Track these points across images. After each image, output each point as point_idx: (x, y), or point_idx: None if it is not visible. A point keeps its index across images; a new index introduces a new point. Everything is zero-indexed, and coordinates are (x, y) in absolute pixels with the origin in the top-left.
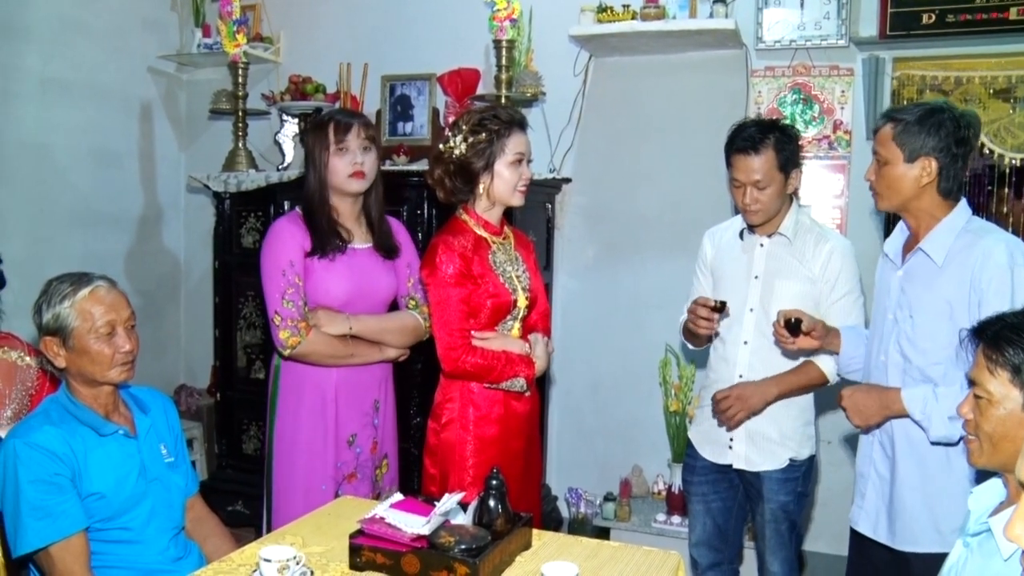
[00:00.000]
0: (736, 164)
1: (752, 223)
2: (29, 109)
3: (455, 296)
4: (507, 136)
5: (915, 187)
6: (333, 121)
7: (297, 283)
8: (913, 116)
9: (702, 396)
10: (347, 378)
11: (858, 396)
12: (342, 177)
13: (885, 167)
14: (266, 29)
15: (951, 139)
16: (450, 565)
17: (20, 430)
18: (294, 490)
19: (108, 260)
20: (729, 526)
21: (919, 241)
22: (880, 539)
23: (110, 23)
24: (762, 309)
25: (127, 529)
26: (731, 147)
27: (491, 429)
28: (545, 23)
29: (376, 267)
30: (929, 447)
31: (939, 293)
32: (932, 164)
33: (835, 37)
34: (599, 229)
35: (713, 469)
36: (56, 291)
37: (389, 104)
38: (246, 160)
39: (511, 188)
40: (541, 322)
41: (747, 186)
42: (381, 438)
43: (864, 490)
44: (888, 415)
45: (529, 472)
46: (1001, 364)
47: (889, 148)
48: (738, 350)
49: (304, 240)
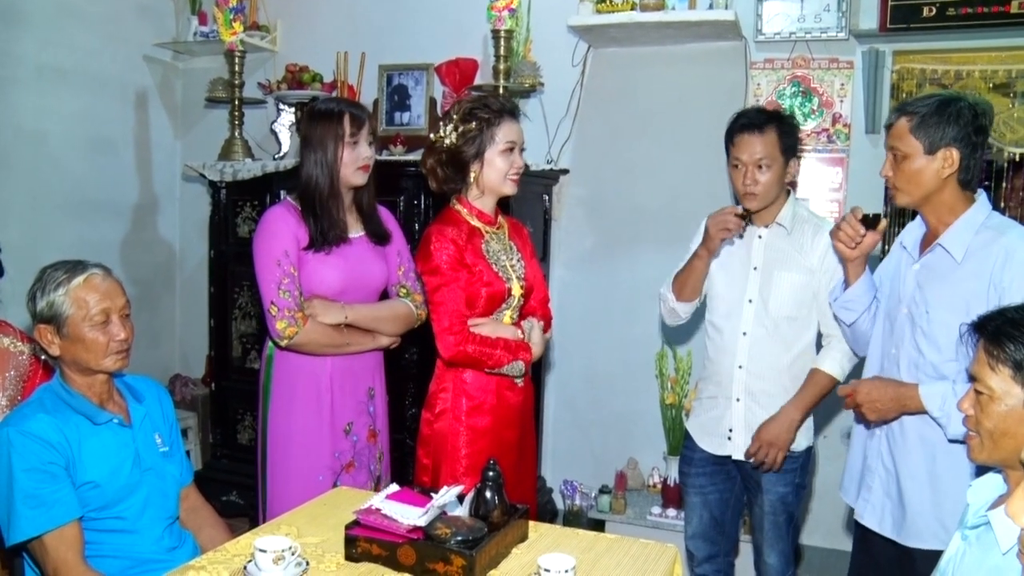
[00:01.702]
0: (739, 143)
1: (749, 207)
2: (25, 96)
3: (451, 283)
4: (497, 125)
5: (937, 180)
6: (348, 113)
7: (292, 273)
8: (929, 107)
9: (700, 388)
10: (342, 366)
11: (874, 391)
12: (351, 169)
13: (904, 162)
14: (263, 18)
15: (970, 127)
16: (446, 557)
17: (14, 418)
18: (290, 480)
19: (103, 248)
20: (726, 518)
21: (937, 236)
22: (886, 533)
23: (106, 10)
24: (761, 300)
25: (121, 518)
26: (734, 126)
27: (484, 419)
28: (544, 13)
29: (369, 255)
30: (938, 443)
31: (957, 290)
32: (954, 154)
33: (835, 30)
34: (596, 221)
35: (711, 461)
36: (51, 279)
37: (386, 94)
38: (242, 149)
39: (502, 176)
40: (540, 308)
41: (748, 167)
42: (380, 427)
43: (871, 483)
44: (904, 411)
45: (523, 463)
46: (1002, 360)
47: (907, 142)
48: (737, 341)
49: (298, 229)
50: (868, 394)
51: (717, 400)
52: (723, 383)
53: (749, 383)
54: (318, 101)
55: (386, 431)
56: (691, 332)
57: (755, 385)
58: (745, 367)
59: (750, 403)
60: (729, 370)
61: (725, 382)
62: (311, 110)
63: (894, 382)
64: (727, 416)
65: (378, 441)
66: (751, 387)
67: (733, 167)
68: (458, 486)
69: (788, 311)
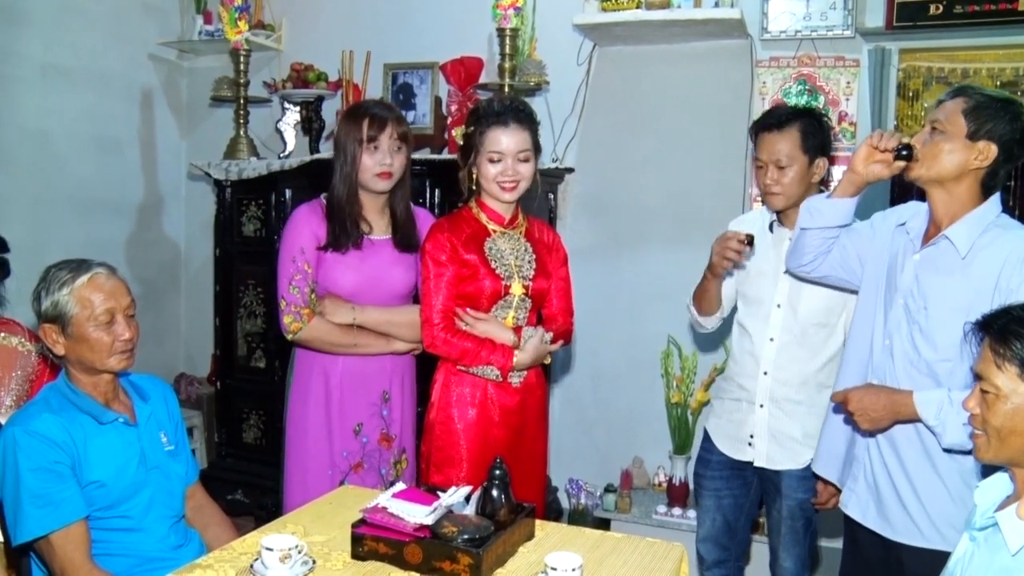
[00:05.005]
0: (760, 143)
1: (772, 206)
2: (29, 95)
3: (440, 275)
4: (485, 132)
5: (961, 167)
6: (369, 115)
7: (306, 270)
8: (990, 98)
9: (722, 387)
10: (352, 367)
11: (867, 399)
12: (369, 175)
13: (940, 137)
14: (268, 16)
15: (1019, 133)
16: (453, 555)
17: (19, 418)
18: (303, 478)
19: (109, 248)
20: (739, 523)
21: (940, 228)
22: (869, 525)
23: (111, 9)
24: (789, 306)
25: (127, 517)
26: (758, 126)
27: (469, 413)
28: (549, 11)
29: (392, 259)
30: (931, 441)
31: (959, 287)
32: (992, 150)
33: (841, 28)
34: (601, 219)
35: (729, 464)
36: (55, 278)
37: (391, 93)
38: (247, 148)
39: (489, 183)
40: (560, 317)
41: (769, 166)
42: (397, 431)
43: (857, 474)
44: (898, 419)
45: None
46: (1008, 359)
47: (954, 120)
48: (764, 346)
49: (319, 229)
50: (860, 402)
51: (740, 404)
52: (747, 387)
53: (774, 389)
54: (359, 101)
55: (409, 437)
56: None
57: (780, 392)
58: (771, 373)
59: (774, 410)
60: (753, 374)
61: (749, 386)
62: (344, 109)
63: (887, 389)
64: (749, 421)
65: (393, 446)
66: (776, 394)
67: (757, 167)
68: (465, 487)
69: (818, 318)
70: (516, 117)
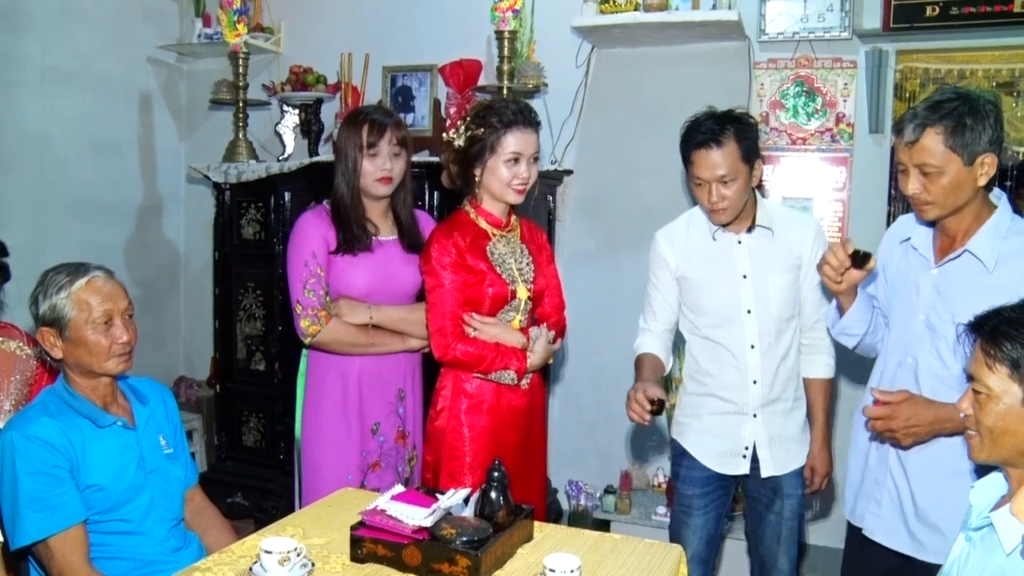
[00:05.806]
0: (697, 161)
1: (719, 222)
2: (29, 98)
3: (447, 283)
4: (505, 134)
5: (974, 188)
6: (368, 121)
7: (319, 273)
8: (957, 116)
9: (695, 402)
10: (370, 367)
11: (914, 416)
12: (369, 180)
13: (939, 177)
14: (267, 19)
15: (998, 125)
16: (452, 557)
17: (18, 422)
18: (322, 481)
19: (108, 250)
20: (719, 533)
21: (957, 241)
22: (898, 548)
23: (110, 12)
24: (762, 309)
25: (126, 520)
26: (689, 143)
27: (482, 419)
28: (547, 14)
29: (401, 259)
30: (957, 456)
31: (988, 299)
32: (992, 158)
33: (838, 29)
34: (600, 220)
35: (715, 478)
36: (52, 282)
37: (390, 95)
38: (246, 151)
39: (503, 185)
40: (555, 315)
41: (711, 183)
42: (410, 428)
43: (881, 498)
44: (940, 433)
45: (528, 465)
46: (999, 359)
47: (943, 157)
48: (746, 354)
49: (328, 232)
50: (908, 420)
51: (726, 417)
52: (734, 399)
53: (766, 396)
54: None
55: (419, 434)
56: None
57: (772, 396)
58: (760, 381)
59: (769, 416)
60: (740, 385)
61: (737, 398)
62: (344, 114)
63: (932, 404)
64: (743, 433)
65: (407, 443)
66: (768, 399)
67: (696, 185)
68: (464, 489)
69: (789, 310)
70: (530, 119)
